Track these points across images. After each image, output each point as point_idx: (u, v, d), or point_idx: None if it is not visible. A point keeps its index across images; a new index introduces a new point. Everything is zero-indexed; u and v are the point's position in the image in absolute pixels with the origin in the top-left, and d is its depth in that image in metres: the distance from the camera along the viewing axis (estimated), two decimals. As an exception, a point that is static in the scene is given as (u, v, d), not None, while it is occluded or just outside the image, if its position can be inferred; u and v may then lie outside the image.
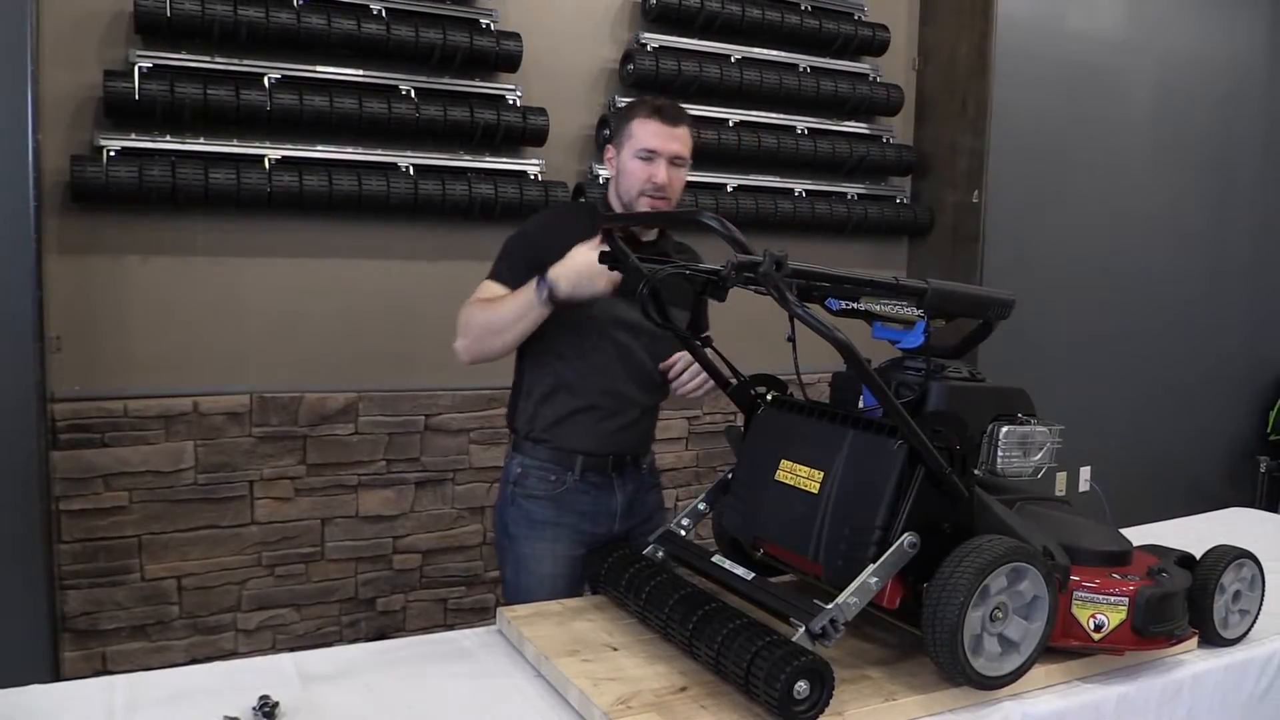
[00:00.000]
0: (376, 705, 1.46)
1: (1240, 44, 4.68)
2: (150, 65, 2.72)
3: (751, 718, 1.36)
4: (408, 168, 3.05)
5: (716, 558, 1.63)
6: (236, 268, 2.95)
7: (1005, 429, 1.58)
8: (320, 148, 2.96)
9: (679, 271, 1.63)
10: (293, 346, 3.03)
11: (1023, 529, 1.52)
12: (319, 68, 2.95)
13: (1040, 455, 1.62)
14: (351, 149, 3.00)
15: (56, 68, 2.64)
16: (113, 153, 2.70)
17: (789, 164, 3.74)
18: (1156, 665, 1.64)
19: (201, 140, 2.82)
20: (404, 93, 3.04)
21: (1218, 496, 4.49)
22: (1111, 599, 1.52)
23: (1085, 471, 4.32)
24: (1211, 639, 1.69)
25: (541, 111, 3.21)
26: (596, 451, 2.10)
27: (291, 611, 3.06)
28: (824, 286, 1.49)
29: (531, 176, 3.22)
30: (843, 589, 1.40)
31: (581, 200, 3.27)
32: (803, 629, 1.37)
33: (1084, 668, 1.58)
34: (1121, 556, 1.61)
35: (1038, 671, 1.51)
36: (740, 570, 1.56)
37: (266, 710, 1.37)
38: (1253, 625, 1.75)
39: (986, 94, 3.90)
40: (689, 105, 3.50)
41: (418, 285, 3.14)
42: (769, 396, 1.78)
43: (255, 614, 3.01)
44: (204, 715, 1.38)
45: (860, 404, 1.63)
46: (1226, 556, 1.69)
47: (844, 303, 1.53)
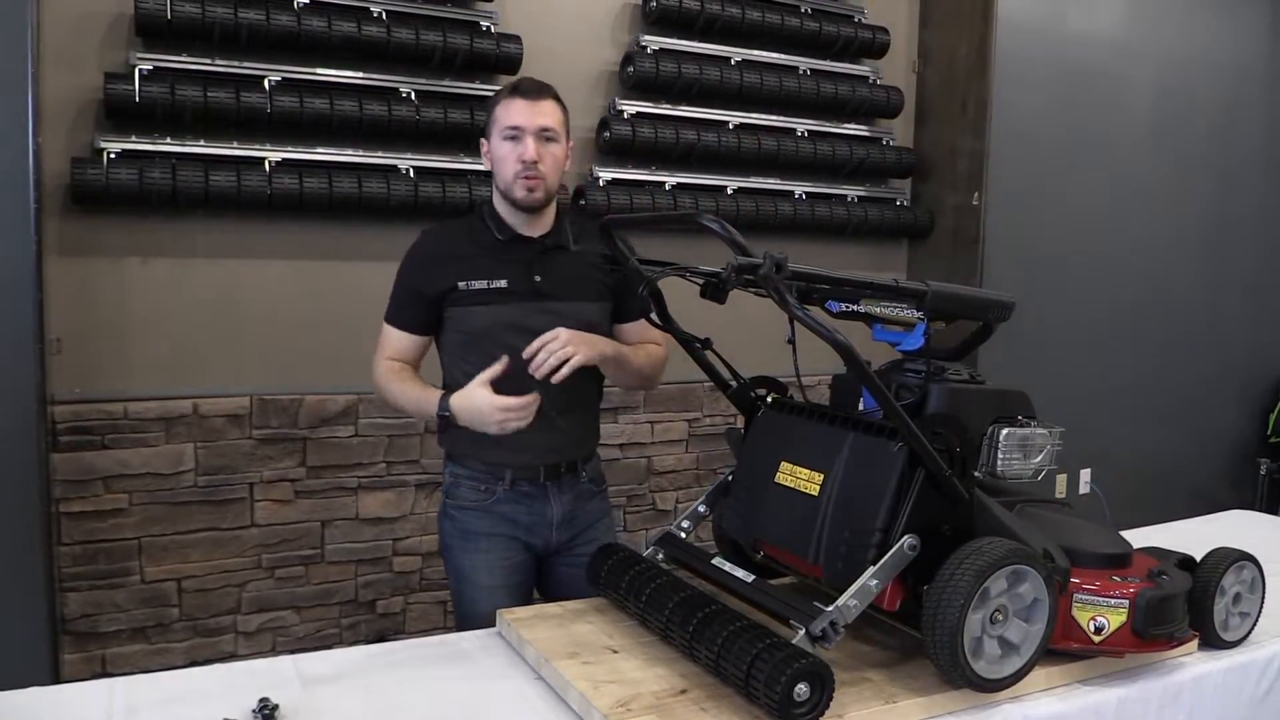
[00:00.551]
0: (376, 707, 1.46)
1: (1240, 46, 4.68)
2: (151, 67, 2.72)
3: (751, 720, 1.36)
4: (408, 170, 3.05)
5: (717, 560, 1.63)
6: (237, 270, 2.95)
7: (1005, 431, 1.58)
8: (320, 150, 2.96)
9: (678, 274, 1.63)
10: (293, 349, 3.02)
11: (1023, 531, 1.52)
12: (319, 70, 2.95)
13: (1040, 457, 1.62)
14: (352, 151, 3.00)
15: (57, 70, 2.64)
16: (113, 155, 2.70)
17: (789, 166, 3.75)
18: (1157, 668, 1.64)
19: (202, 142, 2.82)
20: (404, 95, 3.04)
21: (1218, 499, 4.49)
22: (1112, 601, 1.52)
23: (1085, 474, 4.31)
24: (1212, 641, 1.69)
25: (542, 114, 3.21)
26: (522, 464, 2.01)
27: (291, 614, 3.06)
28: (824, 289, 1.49)
29: (532, 178, 3.22)
30: (843, 591, 1.40)
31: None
32: (803, 631, 1.37)
33: (1084, 670, 1.58)
34: (1122, 559, 1.61)
35: (1038, 674, 1.51)
36: (740, 572, 1.56)
37: (266, 713, 1.38)
38: (1253, 628, 1.75)
39: (986, 96, 3.90)
40: (689, 108, 3.55)
41: (418, 287, 3.14)
42: (769, 399, 1.78)
43: (255, 616, 3.01)
44: (204, 717, 1.38)
45: (860, 406, 1.63)
46: (1227, 559, 1.69)
47: (844, 305, 1.53)
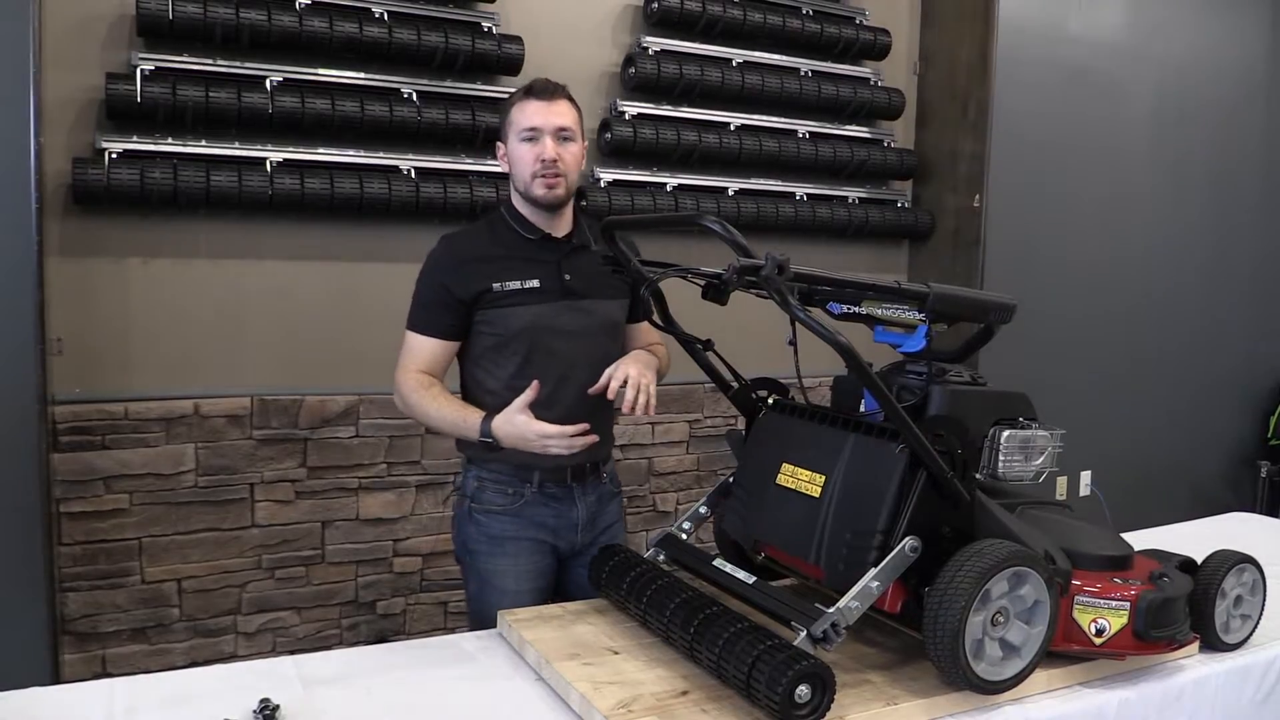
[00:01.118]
0: (377, 708, 1.46)
1: (1241, 49, 4.68)
2: (152, 68, 2.72)
3: (752, 722, 1.36)
4: (410, 170, 3.05)
5: (718, 561, 1.63)
6: (238, 270, 2.95)
7: (1006, 433, 1.58)
8: (322, 150, 2.96)
9: (680, 275, 1.63)
10: (294, 349, 3.03)
11: (1024, 533, 1.52)
12: (321, 70, 2.95)
13: (1041, 459, 1.62)
14: (353, 152, 3.00)
15: (58, 70, 2.64)
16: (114, 155, 2.70)
17: (790, 168, 3.75)
18: (1158, 670, 1.64)
19: (203, 143, 2.82)
20: (406, 96, 3.04)
21: (1219, 501, 4.49)
22: (1113, 604, 1.52)
23: (1086, 476, 4.31)
24: (1213, 644, 1.69)
25: (543, 115, 3.21)
26: (551, 465, 2.00)
27: (292, 614, 3.06)
28: (825, 290, 1.50)
29: (533, 179, 3.22)
30: (844, 593, 1.40)
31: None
32: (804, 633, 1.37)
33: (1085, 673, 1.58)
34: (1123, 561, 1.61)
35: (1039, 676, 1.51)
36: (741, 574, 1.56)
37: (267, 713, 1.37)
38: (1254, 630, 1.75)
39: (987, 98, 3.90)
40: (691, 109, 3.55)
41: (419, 288, 3.14)
42: (770, 400, 1.78)
43: (255, 617, 3.01)
44: (204, 718, 1.38)
45: (862, 408, 1.63)
46: (1228, 561, 1.69)
47: (845, 307, 1.53)
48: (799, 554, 1.55)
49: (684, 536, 1.77)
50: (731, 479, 1.77)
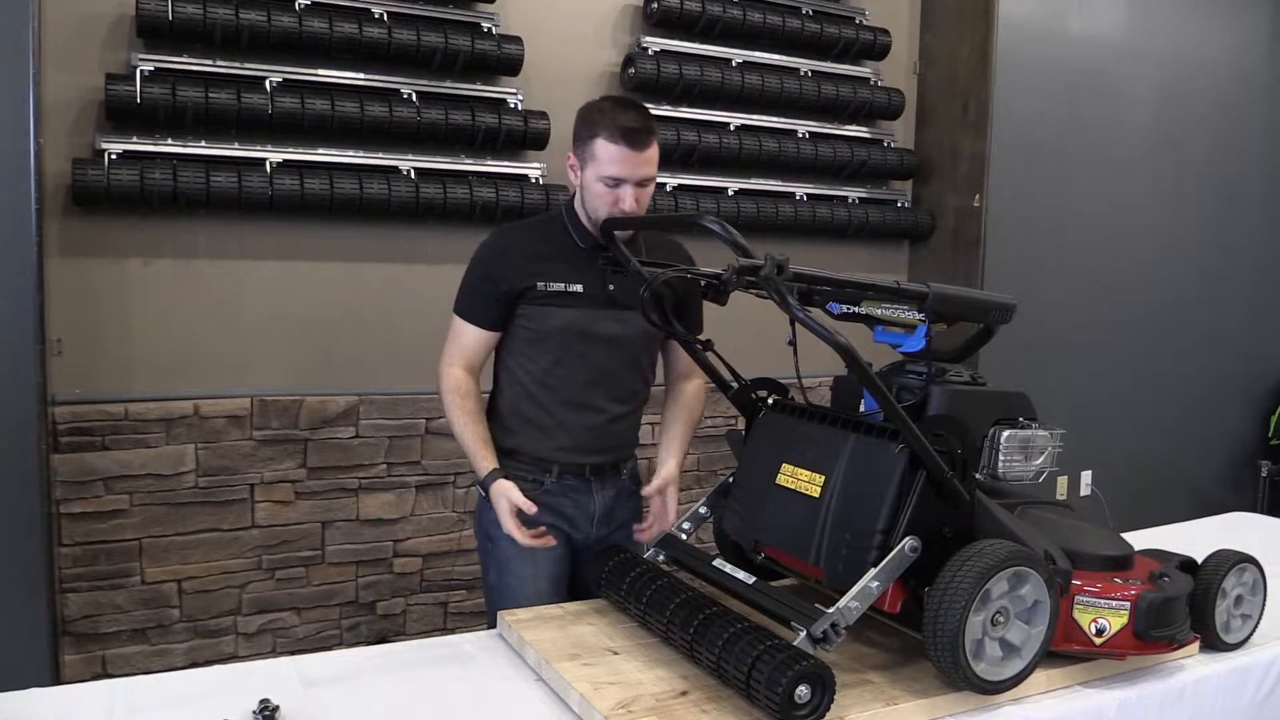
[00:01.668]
0: (377, 709, 1.46)
1: (1241, 48, 4.68)
2: (152, 68, 2.72)
3: (752, 722, 1.36)
4: (409, 171, 3.05)
5: (717, 561, 1.63)
6: (238, 271, 2.95)
7: (1006, 433, 1.58)
8: (322, 151, 2.96)
9: (680, 275, 1.63)
10: (294, 350, 3.03)
11: (1024, 533, 1.52)
12: (320, 71, 2.95)
13: (1041, 459, 1.62)
14: (353, 152, 3.00)
15: (58, 71, 2.64)
16: (114, 156, 2.70)
17: (790, 168, 3.75)
18: (1158, 670, 1.64)
19: (203, 143, 2.82)
20: (405, 96, 3.04)
21: (1219, 501, 4.48)
22: (1113, 603, 1.52)
23: (1086, 476, 4.31)
24: (1213, 644, 1.69)
25: (543, 115, 3.21)
26: (570, 461, 2.05)
27: (292, 615, 3.06)
28: (825, 290, 1.49)
29: (533, 180, 3.23)
30: (844, 593, 1.40)
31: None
32: (804, 633, 1.37)
33: (1085, 673, 1.58)
34: (1123, 561, 1.61)
35: (1039, 676, 1.51)
36: (741, 574, 1.56)
37: (267, 714, 1.37)
38: (1254, 630, 1.75)
39: (987, 98, 3.90)
40: (691, 109, 3.55)
41: (419, 289, 3.14)
42: (770, 400, 1.78)
43: (255, 617, 3.00)
44: (204, 719, 1.38)
45: (861, 408, 1.63)
46: (1228, 561, 1.69)
47: (845, 307, 1.53)
48: (799, 554, 1.55)
49: (684, 537, 1.77)
50: (731, 479, 1.77)
